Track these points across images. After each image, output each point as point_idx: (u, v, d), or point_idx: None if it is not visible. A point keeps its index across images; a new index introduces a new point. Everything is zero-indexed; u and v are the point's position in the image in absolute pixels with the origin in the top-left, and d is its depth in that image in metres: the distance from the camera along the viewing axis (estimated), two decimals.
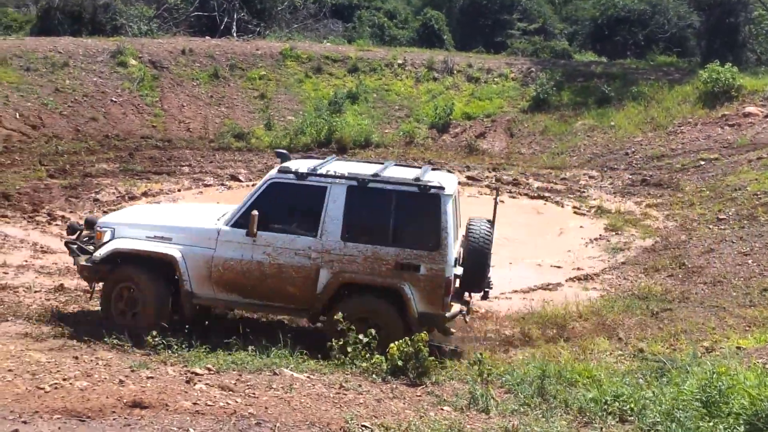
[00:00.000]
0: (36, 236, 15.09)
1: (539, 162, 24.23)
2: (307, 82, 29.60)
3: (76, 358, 8.35)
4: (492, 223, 10.61)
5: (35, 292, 11.88)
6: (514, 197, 20.53)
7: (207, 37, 33.42)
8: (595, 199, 20.10)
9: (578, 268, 14.96)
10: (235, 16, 36.96)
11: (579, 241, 16.72)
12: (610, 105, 27.06)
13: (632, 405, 7.62)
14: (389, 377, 8.65)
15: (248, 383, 7.82)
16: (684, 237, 16.25)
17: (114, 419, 6.39)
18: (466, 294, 10.94)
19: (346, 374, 8.67)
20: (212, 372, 8.20)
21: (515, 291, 13.54)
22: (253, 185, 20.43)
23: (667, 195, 19.80)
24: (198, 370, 8.15)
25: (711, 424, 6.85)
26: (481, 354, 9.33)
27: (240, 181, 20.88)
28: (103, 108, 24.98)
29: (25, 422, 6.13)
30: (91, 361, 8.26)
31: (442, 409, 7.64)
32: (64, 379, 7.28)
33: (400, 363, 8.75)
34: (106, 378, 7.45)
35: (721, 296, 12.87)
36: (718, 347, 10.47)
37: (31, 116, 23.13)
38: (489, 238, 10.33)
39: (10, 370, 7.49)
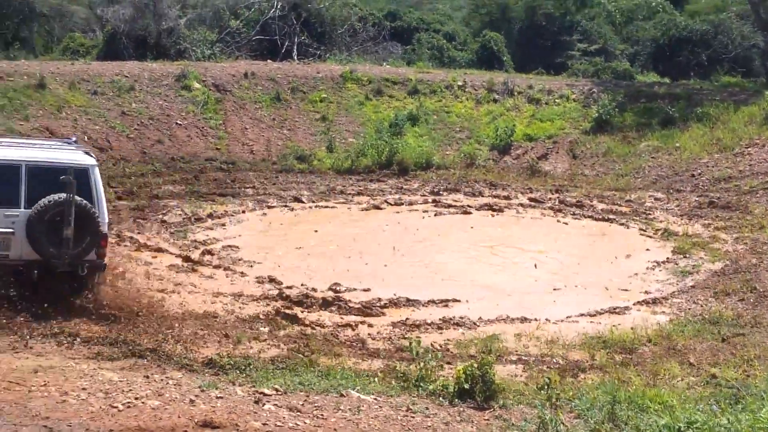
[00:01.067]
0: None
1: (603, 184, 23.94)
2: (368, 104, 29.73)
3: (147, 377, 8.45)
4: (67, 201, 11.24)
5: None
6: (578, 219, 20.31)
7: (268, 61, 33.87)
8: (661, 222, 19.75)
9: (646, 292, 14.69)
10: (296, 40, 37.40)
11: (646, 264, 16.43)
12: (675, 126, 26.65)
13: None
14: (456, 400, 8.59)
15: (315, 404, 7.83)
16: (754, 260, 15.88)
17: None
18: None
19: (413, 396, 8.65)
20: (280, 393, 8.23)
21: (582, 315, 13.34)
22: (315, 207, 20.68)
23: (735, 217, 19.37)
24: (266, 391, 8.19)
25: None
26: (549, 378, 9.22)
27: (303, 202, 21.03)
28: (168, 131, 25.42)
29: None
30: (162, 380, 8.35)
31: None
32: (136, 398, 7.37)
33: (466, 386, 8.69)
34: (176, 397, 7.53)
35: None
36: None
37: (99, 139, 23.64)
38: (40, 207, 11.23)
39: (84, 389, 7.60)
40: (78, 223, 11.41)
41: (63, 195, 11.28)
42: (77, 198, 11.35)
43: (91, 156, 12.44)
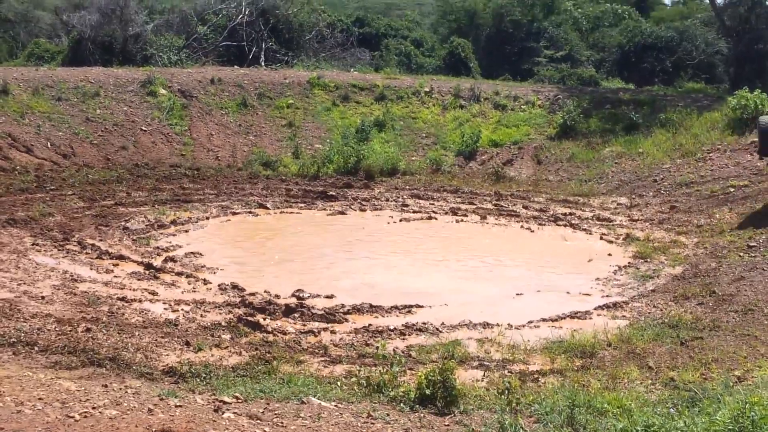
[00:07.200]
0: (66, 265, 15.18)
1: (567, 189, 24.12)
2: (335, 110, 29.75)
3: (105, 386, 8.37)
4: None
5: (65, 321, 11.90)
6: (542, 225, 20.43)
7: (235, 67, 33.77)
8: (623, 227, 19.94)
9: (607, 296, 14.82)
10: (264, 46, 37.36)
11: (608, 268, 16.56)
12: (638, 132, 26.94)
13: None
14: (417, 406, 8.60)
15: (276, 412, 7.79)
16: (714, 264, 16.05)
17: None
18: None
19: (374, 403, 8.65)
20: (240, 400, 8.19)
21: (543, 320, 13.39)
22: (280, 213, 20.61)
23: (696, 222, 19.59)
24: (226, 399, 8.14)
25: None
26: (509, 382, 9.26)
27: (267, 208, 20.96)
28: (132, 137, 25.27)
29: None
30: (120, 389, 8.27)
31: None
32: (94, 408, 7.28)
33: (427, 392, 8.70)
34: (135, 406, 7.45)
35: (752, 325, 12.66)
36: (750, 376, 10.29)
37: (62, 145, 23.46)
38: None
39: (40, 399, 7.51)
40: None
41: None
42: None
43: None
